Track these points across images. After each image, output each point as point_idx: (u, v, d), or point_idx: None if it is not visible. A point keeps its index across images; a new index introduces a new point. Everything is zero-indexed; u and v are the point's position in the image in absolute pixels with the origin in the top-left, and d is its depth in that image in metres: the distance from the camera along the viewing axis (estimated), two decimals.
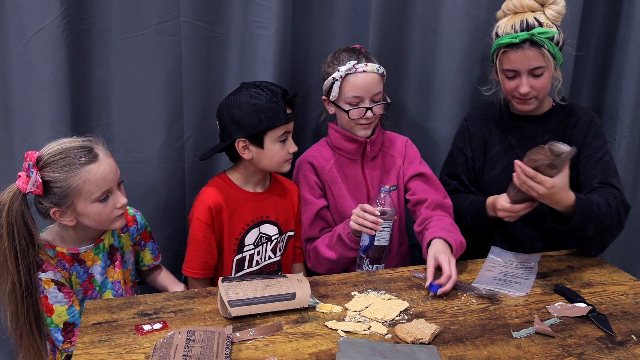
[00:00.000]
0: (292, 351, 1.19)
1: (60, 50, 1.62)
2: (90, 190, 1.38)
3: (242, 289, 1.35)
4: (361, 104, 1.69)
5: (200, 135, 1.84)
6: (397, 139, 1.86)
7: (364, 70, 1.67)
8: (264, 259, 1.73)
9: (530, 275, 1.54)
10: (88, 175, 1.37)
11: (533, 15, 1.64)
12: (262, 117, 1.56)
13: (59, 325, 1.41)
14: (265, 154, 1.62)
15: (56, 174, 1.35)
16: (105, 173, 1.40)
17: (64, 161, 1.36)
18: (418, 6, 1.95)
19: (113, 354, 1.17)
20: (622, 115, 2.07)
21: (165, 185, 1.83)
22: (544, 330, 1.28)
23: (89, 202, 1.39)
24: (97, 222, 1.43)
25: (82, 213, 1.40)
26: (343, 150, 1.77)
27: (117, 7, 1.69)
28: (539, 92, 1.68)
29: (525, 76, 1.65)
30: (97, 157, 1.40)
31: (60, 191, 1.36)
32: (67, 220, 1.41)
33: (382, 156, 1.80)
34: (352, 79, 1.67)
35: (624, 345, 1.25)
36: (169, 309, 1.35)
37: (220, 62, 1.82)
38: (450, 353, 1.20)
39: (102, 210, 1.41)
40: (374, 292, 1.45)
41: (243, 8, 1.78)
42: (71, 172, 1.36)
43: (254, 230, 1.69)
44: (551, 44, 1.62)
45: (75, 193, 1.37)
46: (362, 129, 1.72)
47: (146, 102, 1.77)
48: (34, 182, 1.34)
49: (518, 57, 1.63)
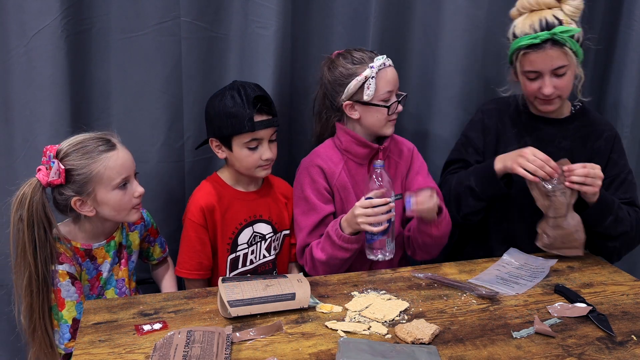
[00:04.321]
0: (292, 351, 1.19)
1: (60, 50, 1.62)
2: (110, 176, 1.41)
3: (242, 289, 1.35)
4: (392, 99, 1.67)
5: (200, 135, 1.83)
6: (403, 145, 1.81)
7: (390, 65, 1.67)
8: (259, 258, 1.72)
9: (535, 278, 1.53)
10: (108, 161, 1.41)
11: (551, 13, 1.58)
12: (228, 121, 1.57)
13: (68, 321, 1.42)
14: (235, 157, 1.62)
15: (77, 162, 1.40)
16: (124, 159, 1.45)
17: (84, 149, 1.41)
18: (418, 6, 1.94)
19: (113, 354, 1.17)
20: (622, 115, 2.07)
21: (165, 186, 1.83)
22: (544, 331, 1.28)
23: (110, 189, 1.42)
24: (116, 211, 1.46)
25: (102, 201, 1.43)
26: (353, 154, 1.72)
27: (117, 7, 1.68)
28: (562, 92, 1.64)
29: (548, 77, 1.61)
30: (115, 146, 1.45)
31: (82, 178, 1.40)
32: (87, 210, 1.44)
33: (388, 162, 1.76)
34: (383, 74, 1.64)
35: (624, 346, 1.25)
36: (169, 309, 1.35)
37: (220, 62, 1.82)
38: (450, 353, 1.20)
39: (122, 199, 1.45)
40: (374, 292, 1.45)
41: (243, 8, 1.78)
42: (92, 159, 1.40)
43: (247, 229, 1.69)
44: (573, 41, 1.57)
45: (97, 180, 1.40)
46: (391, 125, 1.70)
47: (146, 102, 1.77)
48: (56, 170, 1.37)
49: (540, 57, 1.58)
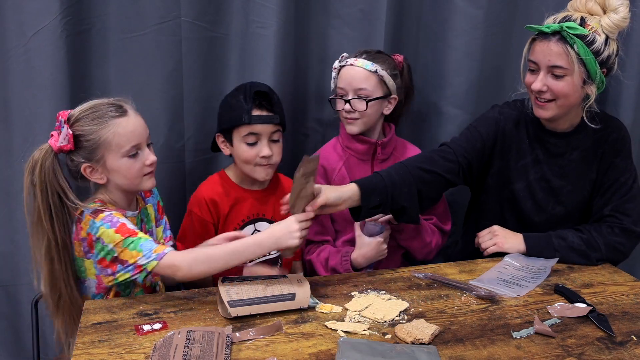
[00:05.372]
0: (292, 351, 1.19)
1: (60, 50, 1.62)
2: (120, 143, 1.38)
3: (242, 290, 1.35)
4: (345, 97, 1.71)
5: (201, 135, 1.84)
6: (411, 150, 1.84)
7: (351, 64, 1.70)
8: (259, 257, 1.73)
9: (537, 279, 1.52)
10: (117, 128, 1.38)
11: (582, 15, 1.51)
12: (228, 114, 1.62)
13: (149, 238, 1.35)
14: (235, 152, 1.64)
15: (86, 127, 1.37)
16: (135, 127, 1.41)
17: (94, 114, 1.38)
18: (419, 6, 1.94)
19: (113, 354, 1.17)
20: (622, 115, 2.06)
21: (166, 186, 1.83)
22: (544, 331, 1.28)
23: (119, 157, 1.39)
24: (128, 179, 1.43)
25: (112, 169, 1.40)
26: (353, 150, 1.77)
27: (117, 7, 1.69)
28: (556, 96, 1.54)
29: (543, 72, 1.53)
30: (126, 112, 1.41)
31: (90, 144, 1.37)
32: (98, 177, 1.42)
33: (394, 161, 1.77)
34: (342, 71, 1.72)
35: (624, 346, 1.25)
36: (169, 309, 1.35)
37: (221, 62, 1.83)
38: (450, 353, 1.20)
39: (132, 166, 1.41)
40: (373, 292, 1.45)
41: (243, 8, 1.78)
42: (100, 125, 1.37)
43: (249, 227, 1.70)
44: (583, 46, 1.48)
45: (105, 146, 1.38)
46: (347, 123, 1.74)
47: (146, 103, 1.76)
48: (65, 135, 1.35)
49: (542, 48, 1.52)
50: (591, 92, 1.54)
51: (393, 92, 1.75)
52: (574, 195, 1.69)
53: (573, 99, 1.56)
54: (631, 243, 1.65)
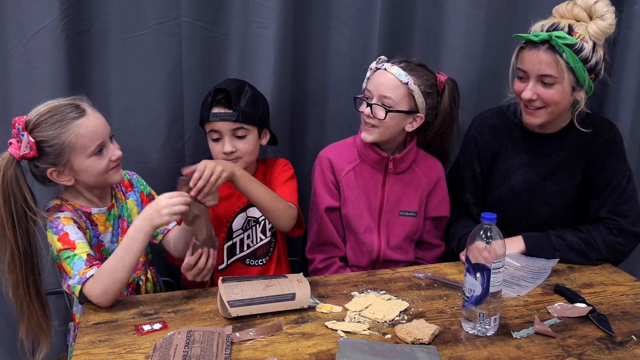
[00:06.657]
0: (292, 351, 1.19)
1: (60, 50, 1.62)
2: (84, 144, 1.37)
3: (242, 289, 1.35)
4: (369, 100, 1.64)
5: (201, 135, 1.83)
6: (434, 164, 1.78)
7: (385, 69, 1.63)
8: (256, 242, 1.73)
9: (537, 279, 1.52)
10: (79, 129, 1.36)
11: (569, 22, 1.52)
12: (200, 111, 1.67)
13: (83, 256, 1.35)
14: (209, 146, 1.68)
15: (47, 132, 1.34)
16: (96, 125, 1.39)
17: (53, 119, 1.35)
18: (420, 6, 1.94)
19: (113, 354, 1.17)
20: (622, 115, 2.06)
21: (166, 186, 1.82)
22: (544, 331, 1.28)
23: (85, 157, 1.38)
24: (96, 176, 1.42)
25: (80, 169, 1.39)
26: (366, 156, 1.71)
27: (117, 7, 1.69)
28: (546, 104, 1.55)
29: (533, 81, 1.54)
30: (85, 112, 1.39)
31: (55, 149, 1.35)
32: (65, 179, 1.40)
33: (412, 174, 1.73)
34: (375, 73, 1.66)
35: (624, 346, 1.25)
36: (169, 309, 1.35)
37: (220, 62, 1.82)
38: (450, 353, 1.20)
39: (99, 164, 1.40)
40: (373, 292, 1.45)
41: (243, 8, 1.78)
42: (62, 129, 1.35)
43: (240, 214, 1.71)
44: (572, 55, 1.48)
45: (70, 149, 1.36)
46: (364, 129, 1.67)
47: (146, 103, 1.77)
48: (27, 143, 1.32)
49: (531, 57, 1.53)
50: (580, 98, 1.56)
51: (421, 111, 1.64)
52: (560, 196, 1.69)
53: (563, 106, 1.58)
54: (630, 243, 1.65)
